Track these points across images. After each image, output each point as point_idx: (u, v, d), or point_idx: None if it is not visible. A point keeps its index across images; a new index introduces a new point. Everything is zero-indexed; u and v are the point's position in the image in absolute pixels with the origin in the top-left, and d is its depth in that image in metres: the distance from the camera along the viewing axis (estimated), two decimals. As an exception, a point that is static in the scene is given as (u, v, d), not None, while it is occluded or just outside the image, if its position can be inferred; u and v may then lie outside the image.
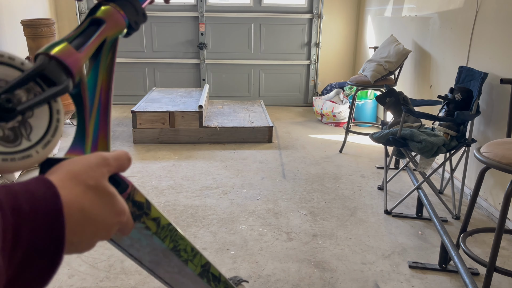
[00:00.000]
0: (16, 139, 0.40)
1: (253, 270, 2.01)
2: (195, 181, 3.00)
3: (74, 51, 0.46)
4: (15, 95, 0.40)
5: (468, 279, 1.73)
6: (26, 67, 0.42)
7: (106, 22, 0.50)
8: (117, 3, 0.52)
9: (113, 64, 0.52)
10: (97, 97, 0.50)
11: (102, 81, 0.51)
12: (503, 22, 2.48)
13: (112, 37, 0.51)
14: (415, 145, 2.37)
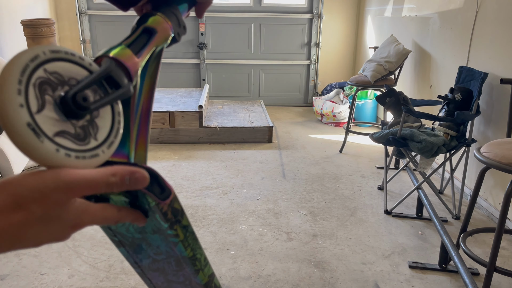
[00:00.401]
0: (85, 138, 0.41)
1: (253, 270, 2.01)
2: (195, 181, 3.00)
3: (133, 56, 0.47)
4: (85, 94, 0.41)
5: (468, 279, 1.73)
6: (93, 68, 0.43)
7: (158, 31, 0.51)
8: (163, 13, 0.53)
9: (157, 72, 0.53)
10: (141, 102, 0.51)
11: (146, 88, 0.52)
12: (503, 22, 2.48)
13: (160, 46, 0.52)
14: (415, 145, 2.37)
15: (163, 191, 0.45)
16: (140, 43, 0.49)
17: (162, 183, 0.45)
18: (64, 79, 0.40)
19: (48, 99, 0.38)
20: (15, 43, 4.08)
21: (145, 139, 0.52)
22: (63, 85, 0.40)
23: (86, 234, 2.29)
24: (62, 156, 0.37)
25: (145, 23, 0.51)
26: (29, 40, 3.75)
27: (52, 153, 0.37)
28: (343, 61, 5.34)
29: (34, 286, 1.87)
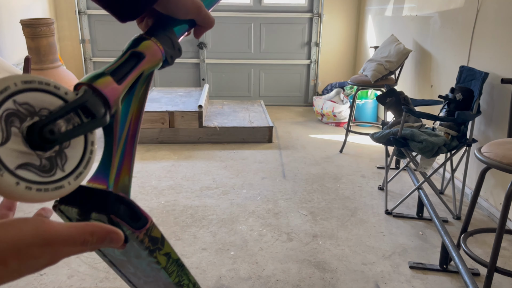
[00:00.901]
0: (51, 169, 0.41)
1: (253, 271, 2.00)
2: (195, 181, 3.00)
3: (114, 83, 0.47)
4: (56, 124, 0.41)
5: (469, 279, 1.73)
6: (69, 97, 0.43)
7: (146, 56, 0.51)
8: (156, 37, 0.52)
9: (146, 95, 0.53)
10: (127, 127, 0.51)
11: (133, 111, 0.51)
12: (503, 22, 2.47)
13: (148, 70, 0.52)
14: (416, 145, 2.37)
15: (139, 220, 0.45)
16: (125, 69, 0.49)
17: (138, 212, 0.45)
18: (34, 110, 0.40)
19: (15, 131, 0.38)
20: (15, 43, 4.08)
21: (129, 164, 0.51)
22: (32, 116, 0.39)
23: (85, 234, 2.29)
24: (22, 190, 0.37)
25: (134, 47, 0.51)
26: (28, 39, 3.74)
27: (11, 186, 0.36)
28: (343, 61, 5.34)
29: (34, 286, 1.87)
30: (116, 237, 0.40)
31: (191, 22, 0.57)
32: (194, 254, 2.12)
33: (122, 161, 0.51)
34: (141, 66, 0.50)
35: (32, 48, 3.74)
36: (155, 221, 1.84)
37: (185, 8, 0.54)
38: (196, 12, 0.55)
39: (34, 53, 3.73)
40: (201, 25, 0.57)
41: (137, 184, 2.93)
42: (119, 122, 0.49)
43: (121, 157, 0.51)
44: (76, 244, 0.38)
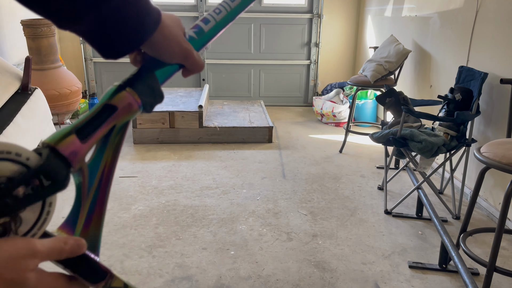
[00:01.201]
0: (4, 234, 0.42)
1: (253, 270, 2.01)
2: (195, 181, 3.00)
3: (77, 143, 0.47)
4: (13, 192, 0.41)
5: (468, 279, 1.73)
6: (31, 162, 0.43)
7: (119, 109, 0.50)
8: (134, 87, 0.51)
9: (121, 143, 0.52)
10: (98, 177, 0.51)
11: (107, 161, 0.51)
12: (503, 22, 2.48)
13: (122, 122, 0.51)
14: (415, 145, 2.37)
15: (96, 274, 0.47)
16: (93, 125, 0.49)
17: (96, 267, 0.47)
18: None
19: None
20: (15, 43, 4.09)
21: (99, 217, 0.51)
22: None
23: (86, 234, 2.29)
24: None
25: (109, 99, 0.50)
26: (29, 40, 3.75)
27: None
28: (343, 61, 5.34)
29: (34, 286, 1.87)
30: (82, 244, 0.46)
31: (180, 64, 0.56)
32: (194, 253, 2.13)
33: (93, 212, 0.51)
34: (112, 119, 0.50)
35: (33, 48, 3.75)
36: (155, 221, 1.86)
37: (170, 53, 0.53)
38: (183, 57, 0.54)
39: (34, 54, 3.73)
40: (189, 69, 0.57)
41: (138, 184, 2.94)
42: (87, 177, 0.50)
43: (92, 207, 0.51)
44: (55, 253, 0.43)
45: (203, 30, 0.59)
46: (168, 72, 0.56)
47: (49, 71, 3.82)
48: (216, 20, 0.60)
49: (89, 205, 0.51)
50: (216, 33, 0.61)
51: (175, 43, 0.53)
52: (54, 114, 3.75)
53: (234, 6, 0.61)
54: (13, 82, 3.04)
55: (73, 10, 0.45)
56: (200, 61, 0.57)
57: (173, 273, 1.98)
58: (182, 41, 0.54)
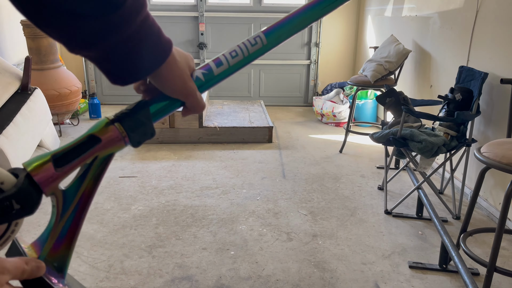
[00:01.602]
0: None
1: (253, 270, 2.01)
2: (195, 181, 3.00)
3: (51, 170, 0.48)
4: None
5: (469, 279, 1.73)
6: (5, 186, 0.45)
7: (102, 141, 0.50)
8: (124, 123, 0.51)
9: (102, 174, 0.53)
10: (74, 203, 0.51)
11: (85, 189, 0.52)
12: (503, 22, 2.48)
13: (105, 154, 0.51)
14: (415, 145, 2.37)
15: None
16: (73, 154, 0.49)
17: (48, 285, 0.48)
18: None
19: None
20: (15, 43, 4.09)
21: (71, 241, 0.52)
22: None
23: (86, 234, 2.29)
24: None
25: (96, 130, 0.51)
26: (29, 40, 3.75)
27: None
28: (343, 61, 5.34)
29: (34, 286, 1.87)
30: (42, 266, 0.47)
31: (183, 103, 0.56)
32: (194, 253, 2.13)
33: (65, 235, 0.51)
34: (94, 151, 0.50)
35: (33, 48, 3.75)
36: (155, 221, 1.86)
37: (172, 88, 0.53)
38: (184, 96, 0.54)
39: (34, 54, 3.73)
40: (189, 108, 0.56)
41: (138, 184, 2.94)
42: (61, 202, 0.50)
43: (65, 231, 0.51)
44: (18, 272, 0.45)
45: (212, 73, 0.57)
46: (168, 108, 0.55)
47: (49, 71, 3.82)
48: (229, 64, 0.58)
49: (62, 229, 0.51)
50: (226, 77, 0.58)
51: (179, 80, 0.53)
52: (54, 114, 3.75)
53: (252, 52, 0.58)
54: (13, 82, 3.04)
55: (86, 38, 0.45)
56: (201, 103, 0.56)
57: (173, 273, 1.97)
58: (187, 79, 0.54)
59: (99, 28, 0.44)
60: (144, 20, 0.47)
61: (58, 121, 4.00)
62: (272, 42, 0.59)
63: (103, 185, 2.90)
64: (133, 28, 0.46)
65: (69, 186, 0.51)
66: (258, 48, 0.58)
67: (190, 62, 0.56)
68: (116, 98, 5.20)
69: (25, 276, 0.46)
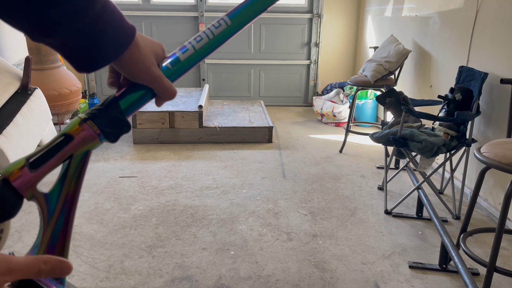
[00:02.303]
0: None
1: (253, 270, 2.01)
2: (195, 181, 3.00)
3: (27, 173, 0.48)
4: None
5: (468, 279, 1.73)
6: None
7: (75, 139, 0.51)
8: (96, 120, 0.52)
9: (82, 173, 0.53)
10: (60, 206, 0.51)
11: (68, 190, 0.52)
12: (503, 22, 2.48)
13: (81, 151, 0.52)
14: (415, 145, 2.37)
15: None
16: (47, 154, 0.50)
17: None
18: None
19: None
20: (15, 43, 4.08)
21: (63, 246, 0.52)
22: None
23: (86, 234, 2.29)
24: None
25: (69, 129, 0.51)
26: (29, 40, 3.74)
27: None
28: (343, 61, 5.34)
29: (34, 286, 1.87)
30: (67, 266, 0.45)
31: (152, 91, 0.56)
32: (194, 253, 2.13)
33: (56, 240, 0.51)
34: (67, 149, 0.50)
35: (33, 48, 3.75)
36: (155, 221, 1.86)
37: (135, 73, 0.53)
38: (148, 81, 0.54)
39: (34, 53, 3.73)
40: (158, 95, 0.56)
41: (138, 184, 2.94)
42: (44, 205, 0.50)
43: (55, 236, 0.51)
44: (32, 272, 0.43)
45: (178, 59, 0.57)
46: (139, 100, 0.55)
47: (49, 71, 3.82)
48: (195, 49, 0.57)
49: (53, 233, 0.51)
50: (195, 63, 0.58)
51: (142, 65, 0.53)
52: (54, 114, 3.75)
53: (217, 34, 0.58)
54: (13, 82, 3.04)
55: (50, 25, 0.45)
56: (170, 88, 0.56)
57: (173, 273, 1.97)
58: (150, 64, 0.54)
59: (62, 14, 0.45)
60: (104, 5, 0.48)
61: (58, 121, 4.00)
62: (236, 23, 0.58)
63: (103, 185, 2.90)
64: (95, 12, 0.47)
65: (51, 189, 0.51)
66: (223, 30, 0.58)
67: (158, 50, 0.56)
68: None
69: (44, 275, 0.44)
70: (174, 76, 0.57)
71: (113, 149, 3.64)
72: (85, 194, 2.77)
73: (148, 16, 4.97)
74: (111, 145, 3.72)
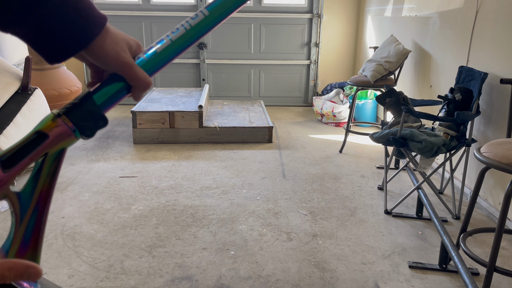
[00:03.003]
0: None
1: (253, 270, 2.01)
2: (195, 181, 3.00)
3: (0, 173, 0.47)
4: None
5: (468, 279, 1.73)
6: None
7: (50, 137, 0.49)
8: (70, 115, 0.51)
9: (57, 171, 0.51)
10: (32, 205, 0.50)
11: (42, 189, 0.51)
12: (503, 22, 2.48)
13: (56, 149, 0.50)
14: (415, 145, 2.37)
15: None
16: (21, 153, 0.48)
17: None
18: None
19: None
20: (16, 43, 4.09)
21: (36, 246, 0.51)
22: None
23: (86, 234, 2.29)
24: None
25: (42, 126, 0.50)
26: (29, 40, 3.74)
27: None
28: (343, 61, 5.34)
29: (34, 286, 1.87)
30: (34, 272, 0.42)
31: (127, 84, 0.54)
32: (194, 253, 2.13)
33: (29, 240, 0.50)
34: (42, 148, 0.49)
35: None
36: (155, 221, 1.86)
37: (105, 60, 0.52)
38: (119, 68, 0.53)
39: (34, 54, 3.73)
40: (132, 85, 0.54)
41: (138, 184, 2.94)
42: (16, 204, 0.49)
43: (28, 235, 0.50)
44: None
45: (155, 52, 0.56)
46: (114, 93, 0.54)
47: (49, 71, 3.82)
48: (171, 40, 0.56)
49: (25, 232, 0.50)
50: (172, 55, 0.57)
51: (112, 51, 0.52)
52: (54, 114, 3.75)
53: (194, 24, 0.57)
54: (13, 82, 3.04)
55: (10, 13, 0.45)
56: (142, 77, 0.54)
57: (173, 273, 1.98)
58: (120, 51, 0.53)
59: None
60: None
61: (58, 121, 4.00)
62: (214, 15, 0.58)
63: (104, 185, 2.90)
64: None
65: (24, 188, 0.50)
66: (200, 21, 0.57)
67: (132, 43, 0.56)
68: (116, 98, 5.19)
69: (8, 281, 0.42)
70: (151, 68, 0.56)
71: (113, 149, 3.65)
72: (85, 194, 2.77)
73: (148, 16, 4.97)
74: (112, 145, 3.73)
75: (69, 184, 2.92)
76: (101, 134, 4.05)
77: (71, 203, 2.64)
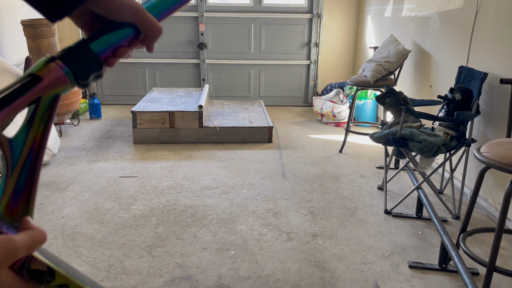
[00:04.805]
0: None
1: (253, 270, 2.01)
2: (195, 181, 3.01)
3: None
4: None
5: (468, 279, 1.73)
6: None
7: (43, 80, 0.48)
8: (64, 58, 0.49)
9: (51, 119, 0.50)
10: (25, 153, 0.49)
11: (35, 137, 0.49)
12: (503, 22, 2.48)
13: (50, 94, 0.49)
14: (415, 145, 2.37)
15: None
16: (12, 94, 0.46)
17: None
18: None
19: None
20: (16, 43, 4.09)
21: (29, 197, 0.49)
22: None
23: (86, 234, 2.30)
24: None
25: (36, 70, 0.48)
26: (29, 40, 3.75)
27: None
28: (343, 61, 5.34)
29: (34, 286, 1.87)
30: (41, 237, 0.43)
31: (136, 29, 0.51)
32: (194, 253, 2.13)
33: (22, 190, 0.49)
34: (35, 91, 0.47)
35: (33, 48, 3.75)
36: (155, 221, 1.86)
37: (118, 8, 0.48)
38: (133, 13, 0.49)
39: (34, 54, 3.74)
40: (144, 33, 0.50)
41: (138, 184, 2.94)
42: (8, 150, 0.48)
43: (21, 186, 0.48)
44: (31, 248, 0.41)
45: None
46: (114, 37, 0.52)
47: (49, 71, 3.82)
48: None
49: (17, 182, 0.48)
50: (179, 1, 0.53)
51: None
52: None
53: None
54: (13, 82, 3.04)
55: None
56: (155, 23, 0.50)
57: (173, 273, 1.98)
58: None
59: None
60: None
61: (58, 121, 4.01)
62: None
63: (104, 185, 2.90)
64: None
65: (16, 134, 0.48)
66: None
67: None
68: (116, 98, 5.20)
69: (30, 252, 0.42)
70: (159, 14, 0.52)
71: (113, 149, 3.65)
72: (85, 194, 2.77)
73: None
74: (112, 145, 3.73)
75: (69, 184, 2.92)
76: (101, 134, 4.05)
77: (71, 203, 2.64)
